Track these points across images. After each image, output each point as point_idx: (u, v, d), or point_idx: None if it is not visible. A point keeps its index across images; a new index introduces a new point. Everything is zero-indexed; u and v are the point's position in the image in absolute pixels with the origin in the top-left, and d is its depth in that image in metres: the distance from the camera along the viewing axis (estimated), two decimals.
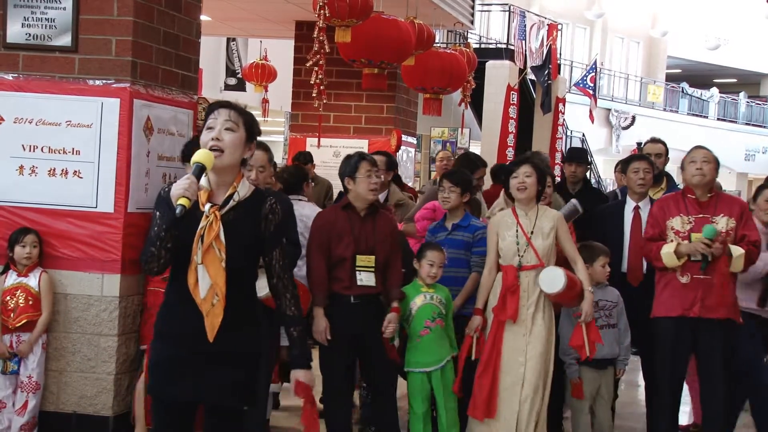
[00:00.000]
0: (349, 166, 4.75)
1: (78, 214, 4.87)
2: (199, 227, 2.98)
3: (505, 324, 4.75)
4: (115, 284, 4.86)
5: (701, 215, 4.86)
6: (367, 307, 4.67)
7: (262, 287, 4.36)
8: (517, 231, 4.80)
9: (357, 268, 4.64)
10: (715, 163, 4.90)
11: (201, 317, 2.99)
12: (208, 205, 3.01)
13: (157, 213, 3.04)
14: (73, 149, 4.88)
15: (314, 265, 4.68)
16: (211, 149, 2.99)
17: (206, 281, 2.97)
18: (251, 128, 3.11)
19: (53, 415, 4.90)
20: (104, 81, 4.86)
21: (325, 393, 4.88)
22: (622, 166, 5.67)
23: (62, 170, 4.89)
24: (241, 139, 3.06)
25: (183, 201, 2.88)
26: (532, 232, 4.79)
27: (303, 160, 7.98)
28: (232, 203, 3.05)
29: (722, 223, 4.81)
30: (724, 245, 4.72)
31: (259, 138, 3.21)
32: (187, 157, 5.18)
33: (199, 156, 2.96)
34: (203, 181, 3.03)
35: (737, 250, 4.77)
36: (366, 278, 4.65)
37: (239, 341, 3.06)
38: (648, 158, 5.60)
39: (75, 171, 4.88)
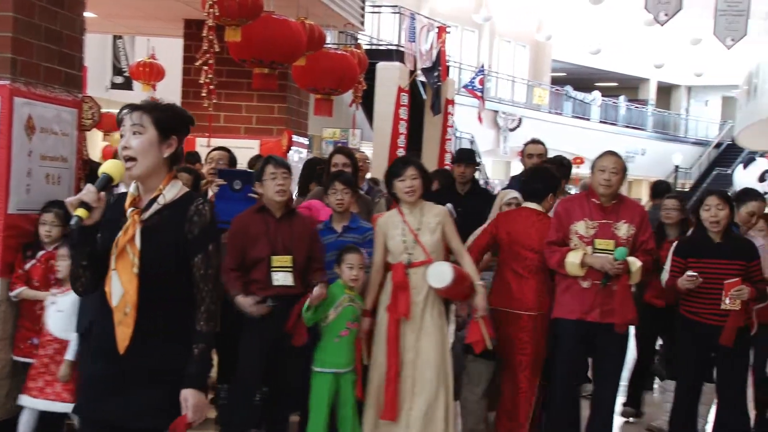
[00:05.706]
0: (257, 171, 4.80)
1: None
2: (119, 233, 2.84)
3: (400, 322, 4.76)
4: None
5: (604, 221, 4.96)
6: (286, 309, 4.63)
7: None
8: (403, 229, 4.84)
9: (272, 269, 4.64)
10: (623, 173, 5.02)
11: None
12: (129, 210, 2.86)
13: None
14: None
15: (227, 266, 4.62)
16: (125, 160, 2.85)
17: (118, 289, 2.80)
18: (163, 123, 2.89)
19: None
20: None
21: (234, 388, 4.82)
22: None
23: None
24: (150, 140, 2.86)
25: (80, 212, 2.72)
26: (418, 229, 4.83)
27: (192, 160, 7.87)
28: (155, 206, 2.87)
29: (623, 229, 4.94)
30: (624, 267, 4.84)
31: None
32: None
33: (107, 166, 2.82)
34: (132, 187, 2.91)
35: (635, 264, 4.89)
36: (282, 278, 4.65)
37: (157, 356, 2.81)
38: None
39: None
